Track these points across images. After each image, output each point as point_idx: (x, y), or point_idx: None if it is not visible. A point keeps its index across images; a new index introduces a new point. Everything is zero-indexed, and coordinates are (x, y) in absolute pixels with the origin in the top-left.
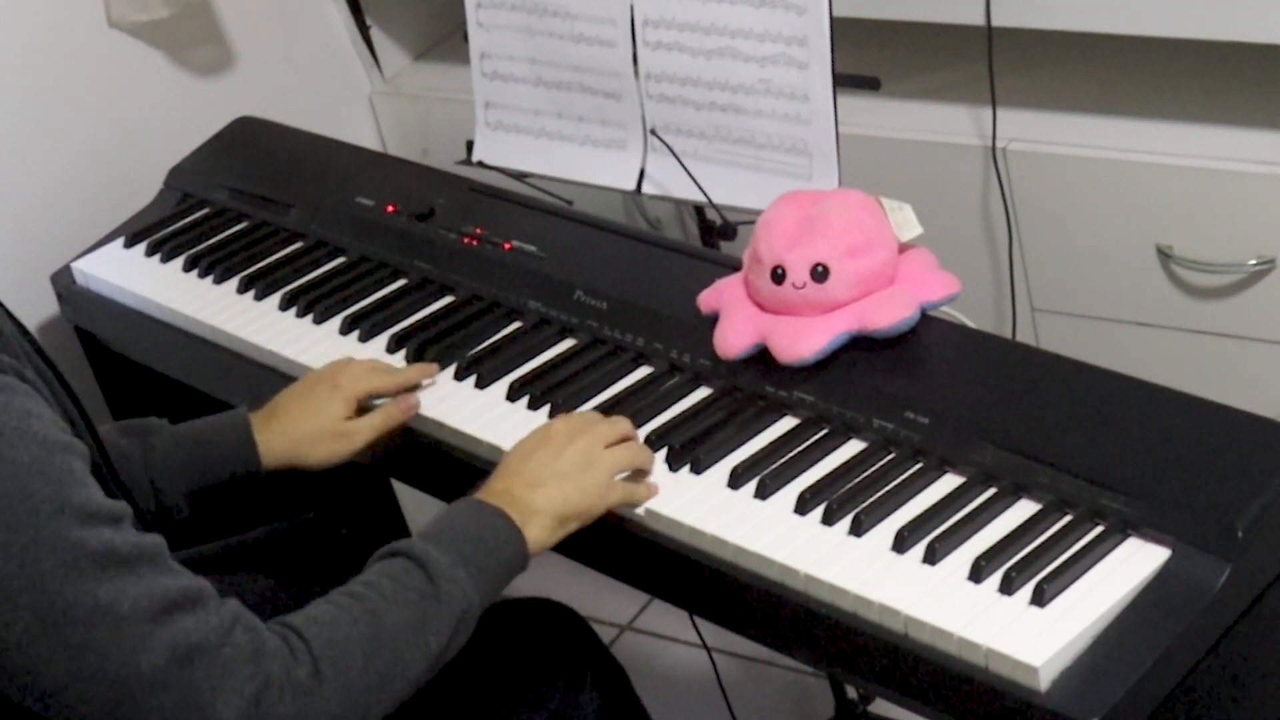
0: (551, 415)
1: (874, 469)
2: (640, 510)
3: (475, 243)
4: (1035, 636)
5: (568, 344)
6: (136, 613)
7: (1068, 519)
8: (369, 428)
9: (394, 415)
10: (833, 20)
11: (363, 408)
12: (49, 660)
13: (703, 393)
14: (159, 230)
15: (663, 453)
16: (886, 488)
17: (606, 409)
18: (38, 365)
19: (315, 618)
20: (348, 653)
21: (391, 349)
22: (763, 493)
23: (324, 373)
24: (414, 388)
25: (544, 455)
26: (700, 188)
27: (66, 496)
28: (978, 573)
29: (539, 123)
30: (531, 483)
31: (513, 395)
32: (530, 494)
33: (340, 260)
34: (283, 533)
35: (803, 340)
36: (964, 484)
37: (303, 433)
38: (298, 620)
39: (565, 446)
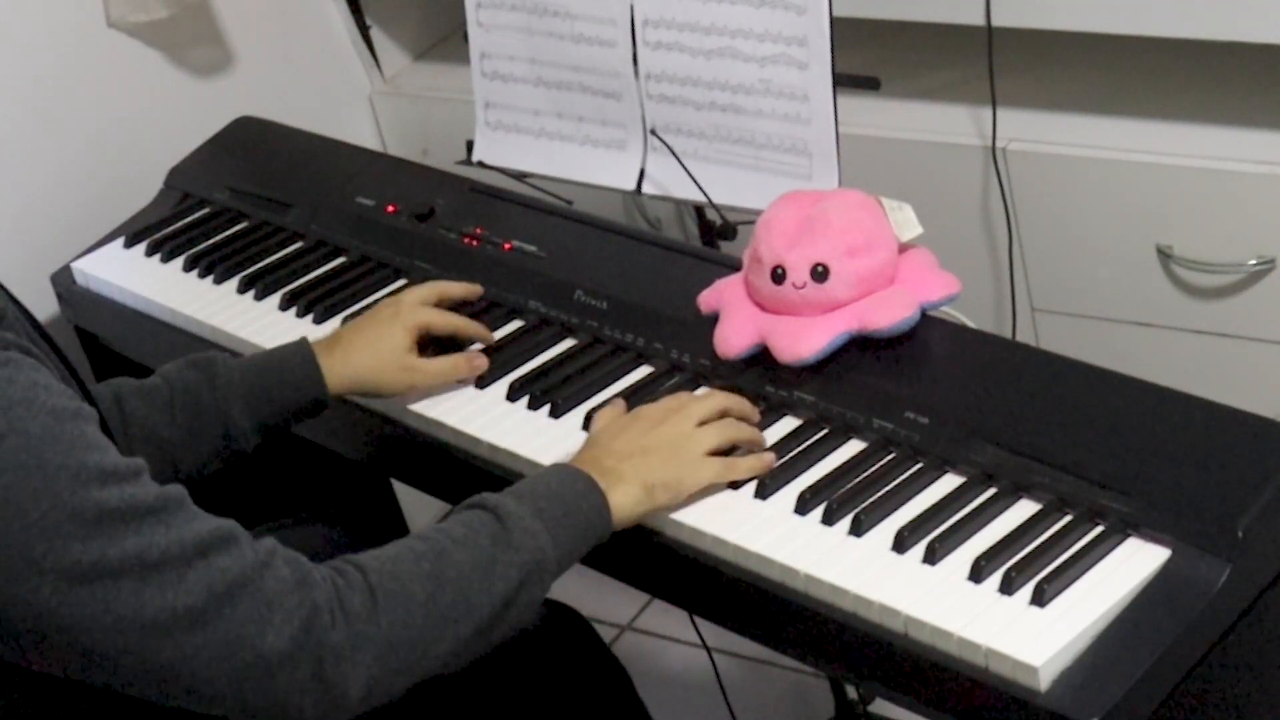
0: (552, 415)
1: (874, 469)
2: None
3: (475, 243)
4: (1035, 636)
5: (568, 344)
6: (168, 559)
7: (1068, 519)
8: (434, 373)
9: (462, 369)
10: (833, 20)
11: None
12: (84, 619)
13: (703, 393)
14: (159, 230)
15: None
16: (886, 488)
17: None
18: (36, 339)
19: (379, 554)
20: (408, 586)
21: None
22: (763, 493)
23: (386, 300)
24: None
25: (634, 430)
26: (700, 188)
27: (81, 461)
28: (978, 573)
29: (539, 123)
30: (619, 454)
31: (513, 395)
32: (618, 463)
33: (340, 260)
34: (286, 532)
35: (803, 340)
36: (964, 484)
37: (366, 361)
38: (360, 555)
39: (657, 423)
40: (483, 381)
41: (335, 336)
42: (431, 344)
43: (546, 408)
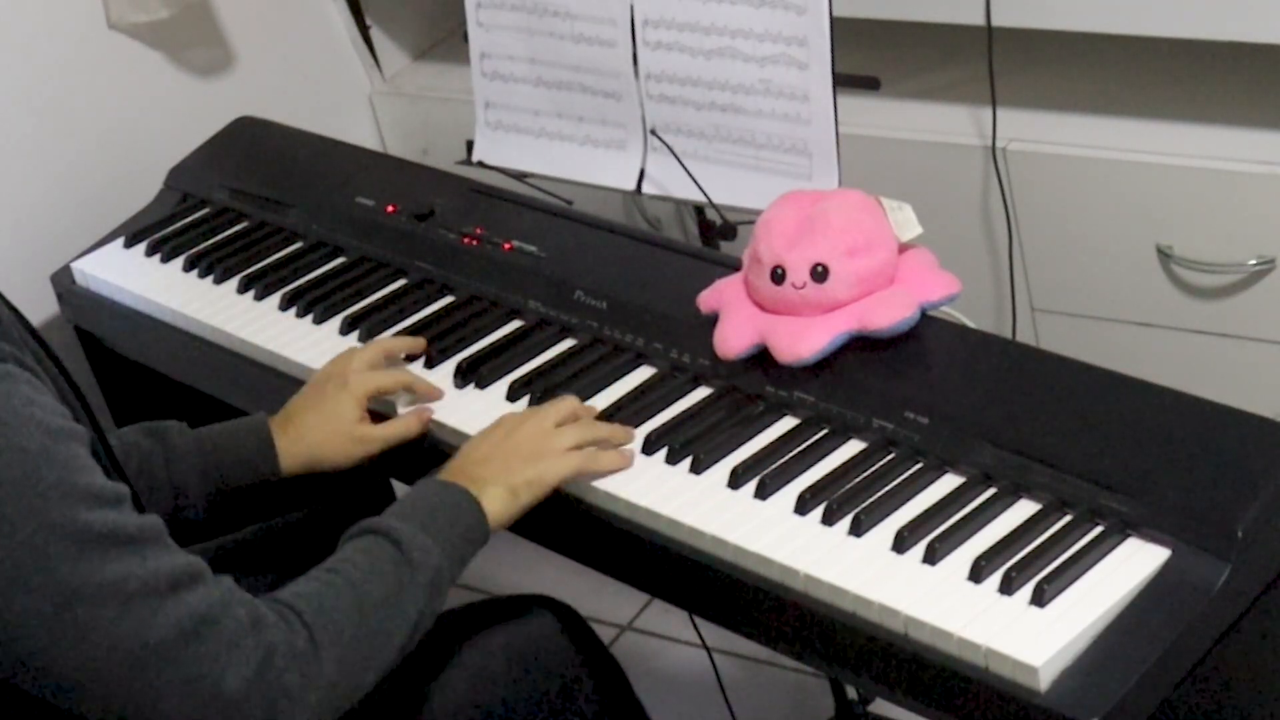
0: None
1: (874, 469)
2: (641, 509)
3: (475, 243)
4: (1035, 636)
5: (568, 344)
6: (144, 590)
7: (1068, 519)
8: (383, 437)
9: (413, 426)
10: (833, 20)
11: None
12: (60, 642)
13: (703, 393)
14: (159, 230)
15: (662, 452)
16: (886, 488)
17: (607, 409)
18: (36, 352)
19: (301, 592)
20: (336, 622)
21: None
22: (763, 493)
23: (331, 370)
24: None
25: (494, 436)
26: (700, 188)
27: (73, 481)
28: (978, 573)
29: (539, 123)
30: (481, 460)
31: (513, 395)
32: (480, 469)
33: (340, 260)
34: (277, 531)
35: (803, 340)
36: (964, 484)
37: (318, 437)
38: (286, 595)
39: (515, 428)
40: (484, 382)
41: (287, 414)
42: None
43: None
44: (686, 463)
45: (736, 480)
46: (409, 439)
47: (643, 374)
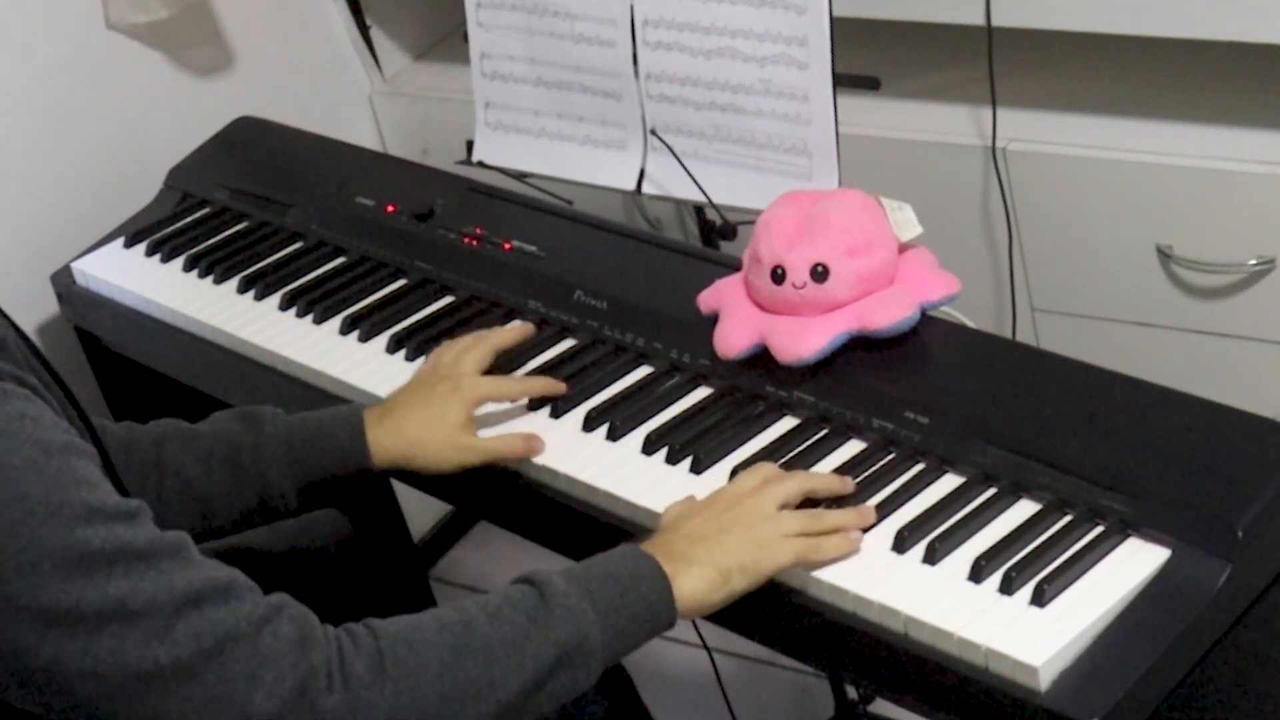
0: (552, 416)
1: (874, 469)
2: (641, 509)
3: (475, 243)
4: (1035, 636)
5: (568, 344)
6: (154, 606)
7: (1068, 519)
8: (486, 452)
9: (520, 449)
10: (833, 20)
11: None
12: (61, 661)
13: (703, 393)
14: (159, 230)
15: (663, 452)
16: (886, 488)
17: (606, 409)
18: (38, 370)
19: (401, 619)
20: (422, 655)
21: (391, 349)
22: None
23: (444, 369)
24: (538, 403)
25: (709, 512)
26: (700, 188)
27: (65, 497)
28: (978, 573)
29: (539, 123)
30: (691, 537)
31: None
32: (689, 546)
33: (340, 260)
34: (280, 533)
35: (803, 340)
36: (964, 484)
37: (417, 435)
38: (379, 620)
39: (733, 504)
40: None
41: (388, 406)
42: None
43: (547, 408)
44: (687, 463)
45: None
46: (512, 459)
47: (643, 374)
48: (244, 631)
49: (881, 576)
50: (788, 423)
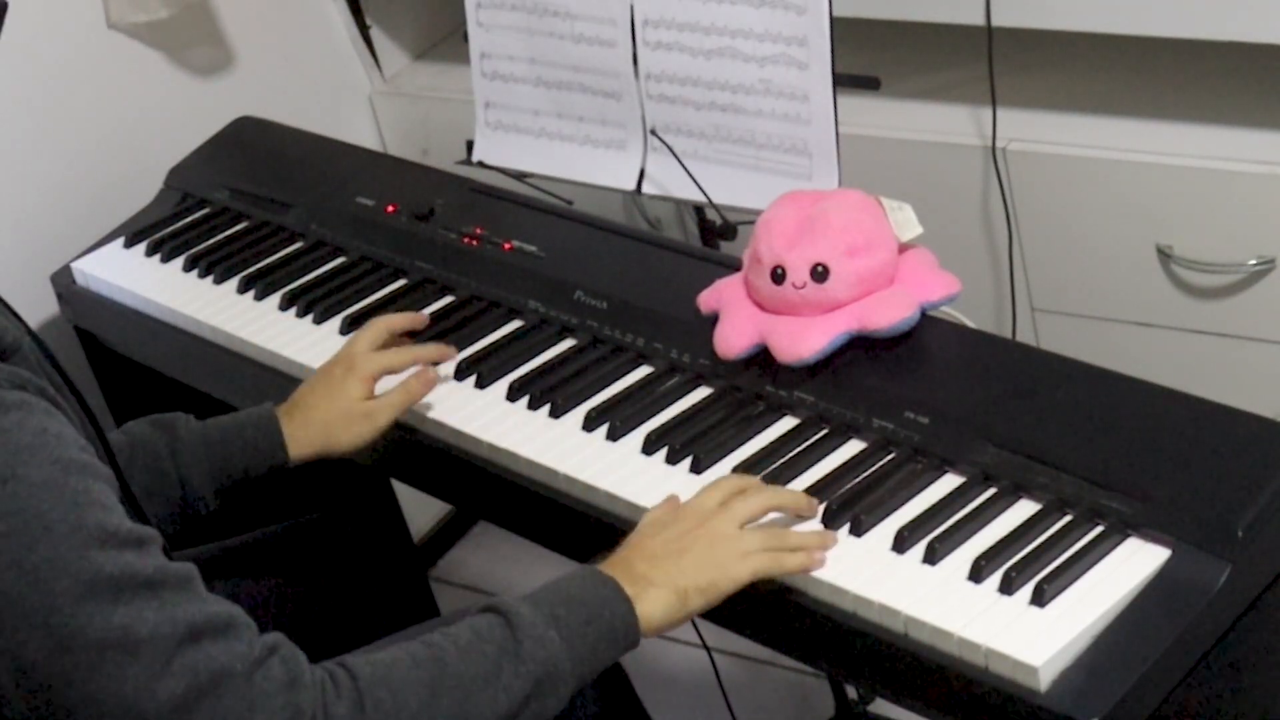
0: (552, 415)
1: (874, 469)
2: (641, 510)
3: (475, 243)
4: (1035, 636)
5: (568, 344)
6: (156, 637)
7: (1068, 519)
8: (389, 406)
9: (415, 390)
10: (833, 20)
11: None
12: (65, 682)
13: (703, 393)
14: (159, 230)
15: (663, 452)
16: (886, 488)
17: (606, 408)
18: (53, 377)
19: (374, 659)
20: (400, 695)
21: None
22: None
23: (338, 355)
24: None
25: (672, 531)
26: (700, 188)
27: (82, 518)
28: (978, 573)
29: (539, 123)
30: (652, 557)
31: (513, 395)
32: (647, 567)
33: (340, 260)
34: (288, 533)
35: (803, 340)
36: (964, 484)
37: (325, 419)
38: (354, 658)
39: (693, 526)
40: (483, 381)
41: (295, 401)
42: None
43: (546, 408)
44: (687, 463)
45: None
46: (415, 402)
47: (643, 374)
48: (239, 671)
49: (881, 576)
50: (788, 423)
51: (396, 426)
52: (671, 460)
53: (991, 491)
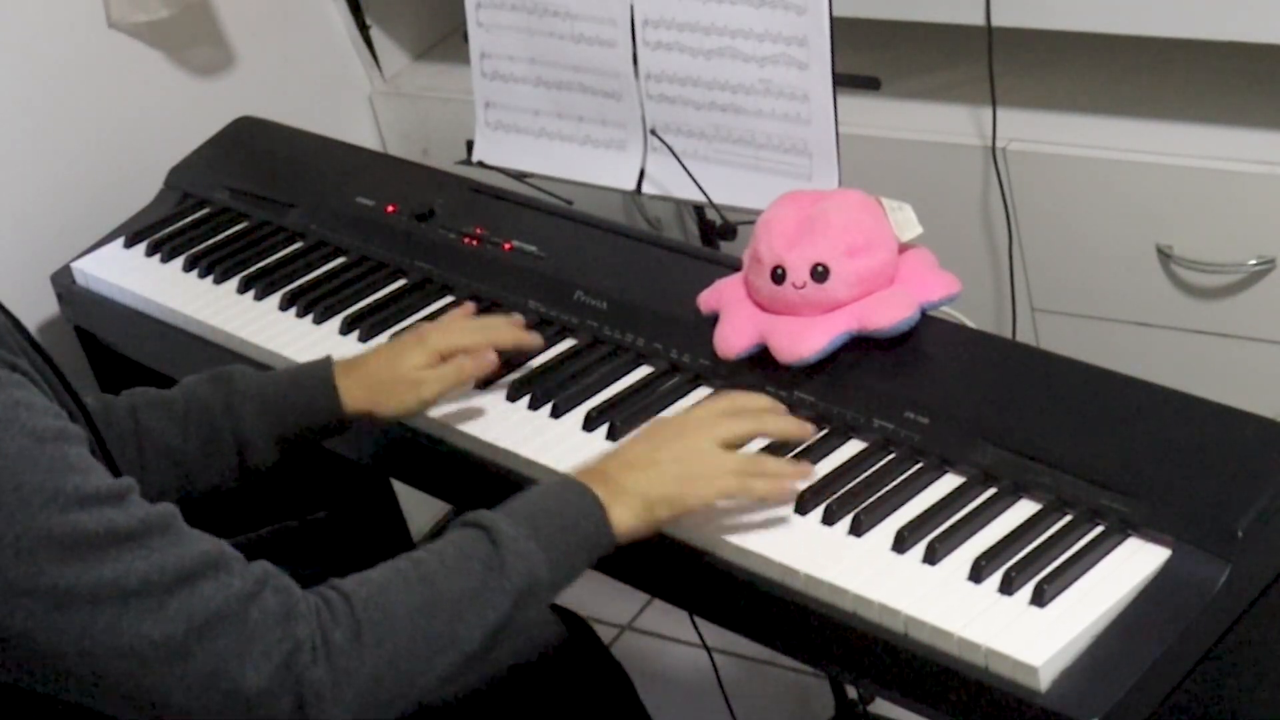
0: (552, 415)
1: (874, 469)
2: None
3: (475, 243)
4: (1035, 636)
5: (568, 344)
6: (147, 586)
7: (1068, 519)
8: (439, 379)
9: (467, 369)
10: (833, 20)
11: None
12: (61, 644)
13: (703, 393)
14: (159, 230)
15: None
16: (886, 488)
17: (606, 408)
18: (29, 353)
19: (367, 579)
20: (393, 617)
21: None
22: None
23: (419, 325)
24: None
25: (651, 441)
26: (700, 188)
27: (59, 484)
28: (978, 573)
29: (539, 123)
30: (628, 464)
31: (513, 395)
32: (623, 474)
33: (340, 260)
34: (293, 531)
35: (803, 340)
36: (964, 484)
37: (379, 380)
38: (347, 582)
39: (673, 438)
40: (483, 382)
41: (356, 359)
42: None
43: (547, 408)
44: None
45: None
46: (465, 380)
47: (643, 374)
48: (233, 608)
49: (881, 576)
50: None
51: (397, 426)
52: None
53: (991, 491)
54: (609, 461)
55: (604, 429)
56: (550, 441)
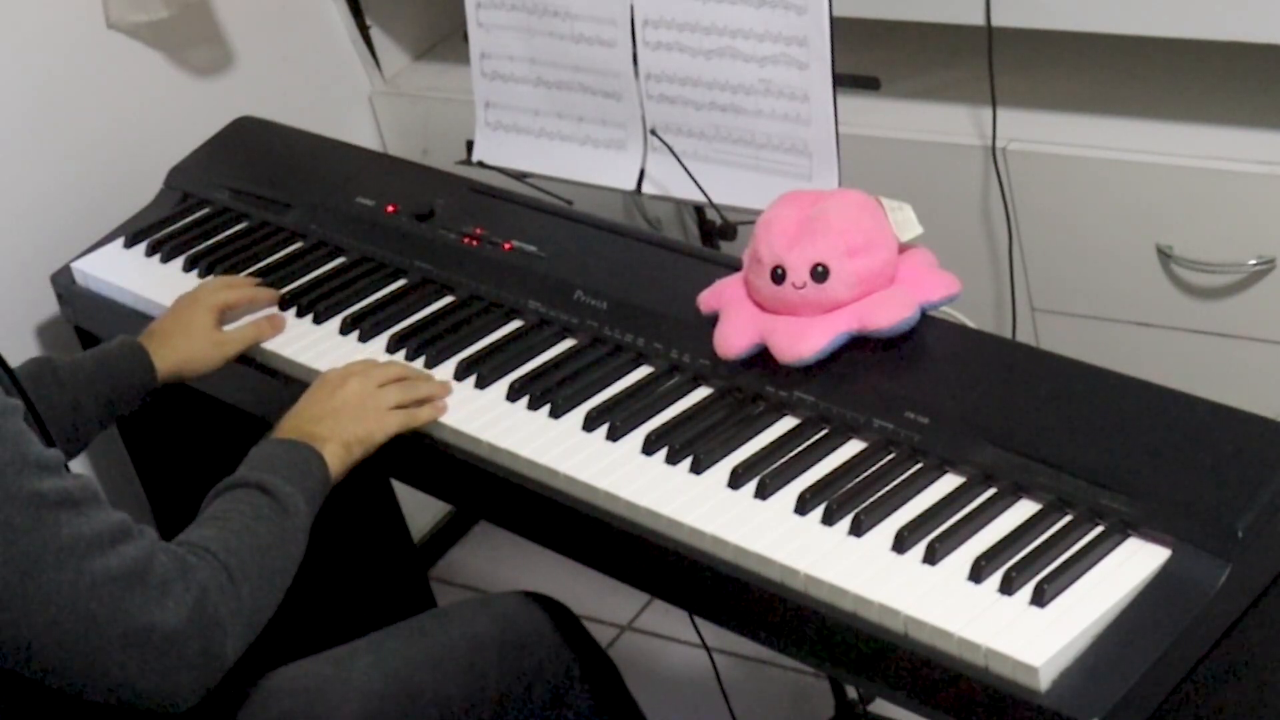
0: (552, 415)
1: (874, 469)
2: (641, 509)
3: (475, 243)
4: (1035, 636)
5: (568, 344)
6: (90, 548)
7: (1068, 519)
8: (239, 339)
9: (264, 330)
10: (833, 20)
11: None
12: (28, 607)
13: (703, 393)
14: (159, 230)
15: (663, 452)
16: (886, 488)
17: (606, 408)
18: None
19: (207, 535)
20: (244, 560)
21: (391, 349)
22: (763, 493)
23: (189, 291)
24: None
25: (320, 395)
26: (700, 188)
27: (23, 453)
28: (978, 573)
29: (539, 123)
30: (314, 418)
31: (513, 395)
32: (315, 427)
33: (340, 260)
34: None
35: (803, 340)
36: (964, 484)
37: (181, 343)
38: (193, 538)
39: (338, 387)
40: (483, 381)
41: (150, 332)
42: None
43: (546, 408)
44: (687, 463)
45: (737, 480)
46: (262, 340)
47: (643, 374)
48: (145, 565)
49: (881, 576)
50: (788, 423)
51: None
52: (671, 460)
53: (991, 491)
54: (296, 419)
55: (604, 429)
56: (550, 442)
